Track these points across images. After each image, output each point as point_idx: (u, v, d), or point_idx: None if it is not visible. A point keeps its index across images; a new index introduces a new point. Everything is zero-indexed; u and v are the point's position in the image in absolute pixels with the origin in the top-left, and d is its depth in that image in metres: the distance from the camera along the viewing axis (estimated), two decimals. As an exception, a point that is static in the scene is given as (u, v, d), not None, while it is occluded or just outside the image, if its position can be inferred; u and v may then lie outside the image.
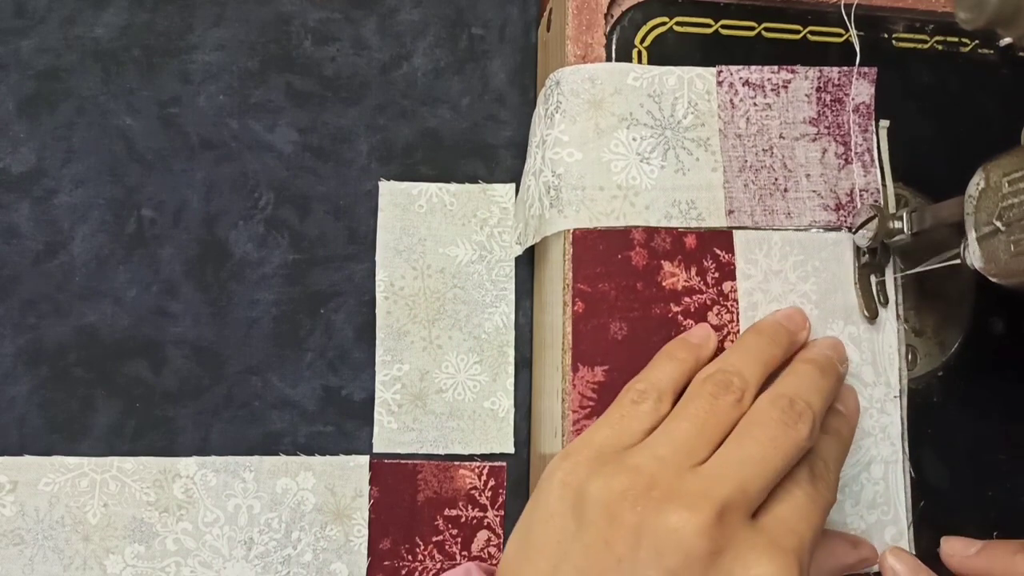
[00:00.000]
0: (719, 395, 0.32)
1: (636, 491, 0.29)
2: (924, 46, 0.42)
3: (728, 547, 0.29)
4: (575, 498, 0.30)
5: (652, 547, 0.28)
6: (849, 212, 0.39)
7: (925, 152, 0.41)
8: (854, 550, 0.36)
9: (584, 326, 0.37)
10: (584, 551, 0.29)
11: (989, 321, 0.41)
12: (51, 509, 0.40)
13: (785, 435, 0.31)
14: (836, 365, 0.36)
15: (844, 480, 0.38)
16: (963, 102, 0.42)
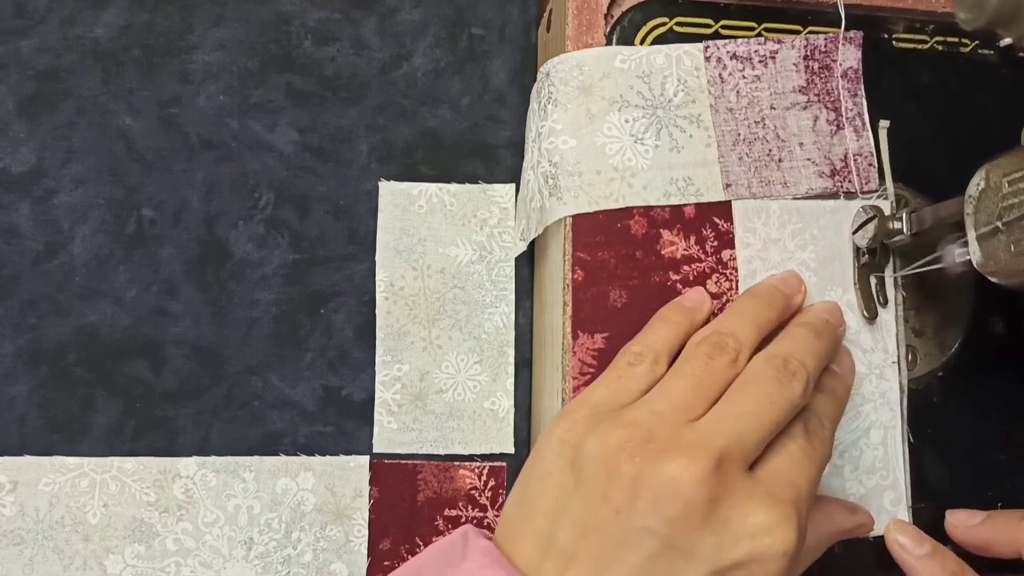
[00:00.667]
0: (714, 356, 0.33)
1: (634, 444, 0.29)
2: (924, 46, 0.42)
3: (726, 496, 0.29)
4: (573, 454, 0.30)
5: (650, 497, 0.28)
6: (844, 177, 0.39)
7: (925, 152, 0.41)
8: (851, 515, 0.36)
9: (584, 294, 0.37)
10: (582, 505, 0.29)
11: (989, 321, 0.41)
12: (51, 509, 0.40)
13: (779, 391, 0.31)
14: (832, 328, 0.36)
15: (843, 445, 0.38)
16: (963, 102, 0.42)
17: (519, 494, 0.31)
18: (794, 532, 0.29)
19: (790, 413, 0.32)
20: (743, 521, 0.28)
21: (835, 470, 0.38)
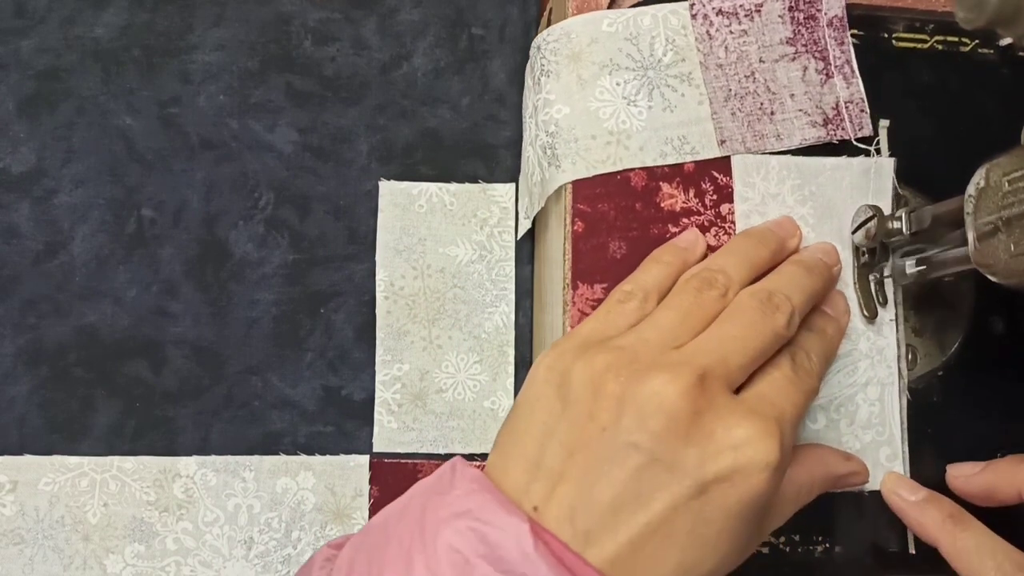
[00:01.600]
0: (703, 290, 0.33)
1: (619, 364, 0.30)
2: (924, 46, 0.42)
3: (708, 410, 0.29)
4: (560, 380, 0.31)
5: (635, 412, 0.29)
6: (837, 125, 0.39)
7: (925, 152, 0.41)
8: (845, 461, 0.36)
9: (584, 245, 0.38)
10: (569, 426, 0.30)
11: (989, 321, 0.41)
12: (51, 509, 0.40)
13: (763, 320, 0.32)
14: (826, 267, 0.37)
15: (839, 400, 0.38)
16: (963, 102, 0.42)
17: (508, 424, 0.32)
18: (777, 445, 0.29)
19: (774, 343, 0.32)
20: (726, 434, 0.29)
21: (831, 424, 0.38)
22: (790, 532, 0.38)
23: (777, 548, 0.38)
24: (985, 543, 0.33)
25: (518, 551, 0.27)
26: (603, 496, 0.28)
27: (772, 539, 0.38)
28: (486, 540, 0.27)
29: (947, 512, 0.35)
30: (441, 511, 0.28)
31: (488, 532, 0.27)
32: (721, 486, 0.28)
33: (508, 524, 0.27)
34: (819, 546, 0.38)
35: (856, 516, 0.38)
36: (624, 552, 0.28)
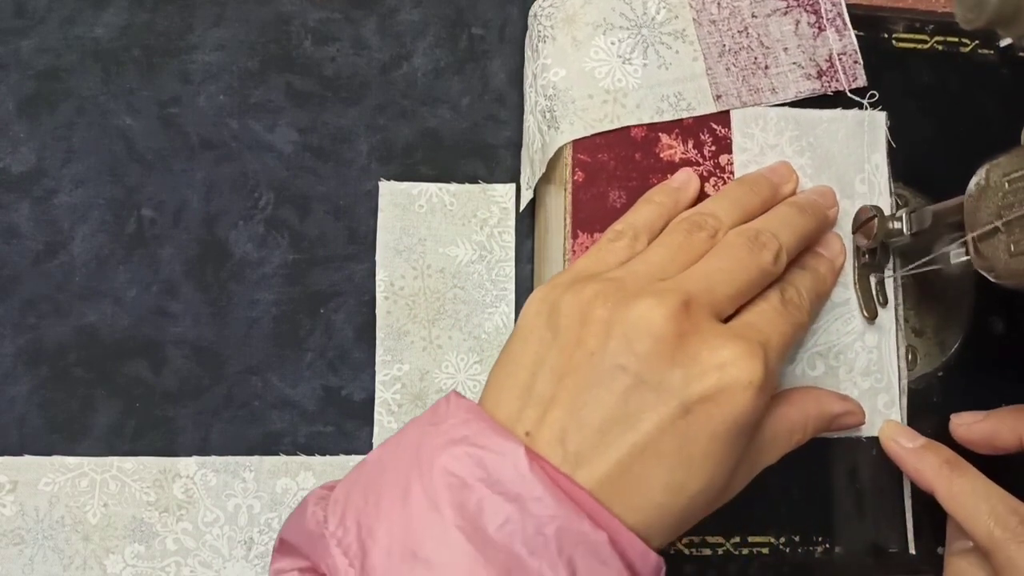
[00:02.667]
0: (693, 231, 0.34)
1: (607, 292, 0.31)
2: (924, 46, 0.42)
3: (694, 333, 0.30)
4: (550, 311, 0.31)
5: (622, 336, 0.29)
6: (831, 77, 0.40)
7: (925, 152, 0.41)
8: (841, 401, 0.37)
9: (584, 194, 0.38)
10: (559, 353, 0.30)
11: (989, 321, 0.41)
12: (51, 509, 0.40)
13: (749, 256, 0.33)
14: (820, 208, 0.37)
15: (839, 347, 0.38)
16: (963, 102, 0.42)
17: (500, 359, 0.32)
18: (760, 365, 0.29)
19: (761, 278, 0.33)
20: (711, 355, 0.29)
21: (830, 371, 0.38)
22: (790, 532, 0.38)
23: (777, 548, 0.38)
24: (980, 488, 0.34)
25: (514, 473, 0.27)
26: (592, 418, 0.29)
27: (772, 539, 0.38)
28: (482, 464, 0.27)
29: (944, 458, 0.35)
30: (436, 439, 0.28)
31: (484, 456, 0.27)
32: (706, 405, 0.29)
33: (504, 448, 0.28)
34: (819, 546, 0.38)
35: (856, 516, 0.38)
36: (613, 473, 0.28)
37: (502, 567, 0.26)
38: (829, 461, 0.38)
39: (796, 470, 0.38)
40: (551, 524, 0.27)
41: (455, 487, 0.27)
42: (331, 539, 0.28)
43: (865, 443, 0.39)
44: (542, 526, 0.27)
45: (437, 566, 0.26)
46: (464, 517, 0.27)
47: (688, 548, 0.37)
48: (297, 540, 0.30)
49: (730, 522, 0.37)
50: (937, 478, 0.35)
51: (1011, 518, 0.32)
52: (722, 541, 0.37)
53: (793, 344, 0.34)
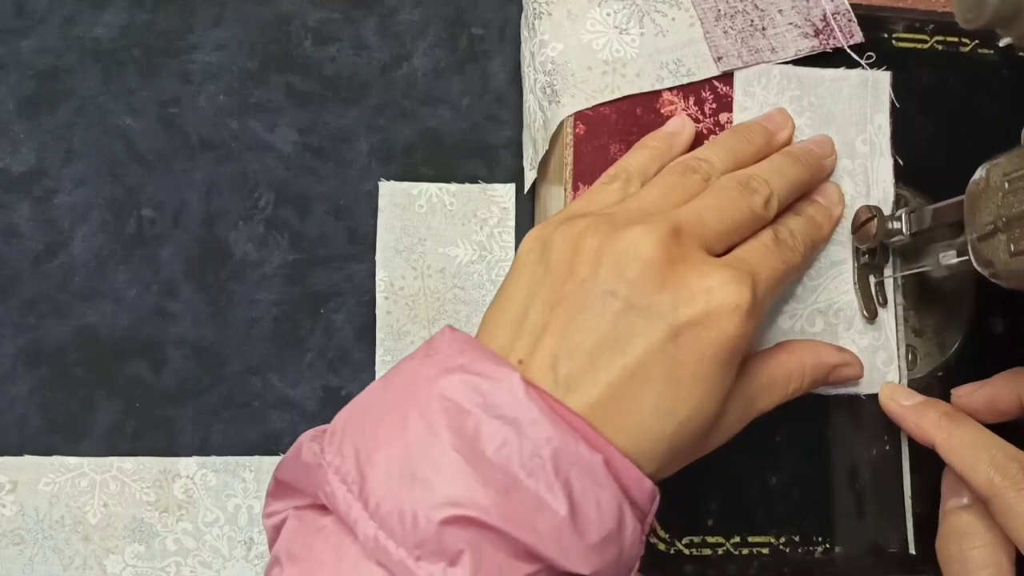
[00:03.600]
0: (687, 174, 0.35)
1: (598, 224, 0.31)
2: (924, 46, 0.42)
3: (683, 260, 0.30)
4: (542, 247, 0.32)
5: (612, 262, 0.30)
6: (828, 35, 0.40)
7: (925, 152, 0.41)
8: (838, 352, 0.37)
9: (585, 147, 0.39)
10: (551, 285, 0.31)
11: (989, 321, 0.41)
12: (51, 509, 0.40)
13: (740, 197, 0.33)
14: (815, 157, 0.38)
15: (838, 304, 0.39)
16: (963, 102, 0.42)
17: (497, 296, 0.32)
18: (748, 290, 0.30)
19: (751, 220, 0.33)
20: (699, 281, 0.30)
21: (829, 328, 0.39)
22: (790, 532, 0.38)
23: (777, 548, 0.38)
24: (980, 437, 0.34)
25: (511, 397, 0.27)
26: (583, 343, 0.29)
27: (772, 539, 0.38)
28: (479, 390, 0.28)
29: (942, 411, 0.36)
30: (432, 369, 0.29)
31: (480, 383, 0.28)
32: (694, 329, 0.29)
33: (500, 374, 0.28)
34: (819, 546, 0.38)
35: (856, 516, 0.38)
36: (603, 397, 0.29)
37: (500, 487, 0.26)
38: (829, 461, 0.38)
39: (796, 470, 0.38)
40: (547, 446, 0.27)
41: (452, 412, 0.27)
42: (328, 468, 0.28)
43: (865, 442, 0.39)
44: (539, 448, 0.27)
45: (436, 485, 0.26)
46: (462, 440, 0.27)
47: (688, 548, 0.37)
48: (292, 476, 0.30)
49: (730, 522, 0.37)
50: (937, 430, 0.35)
51: (1011, 465, 0.33)
52: (722, 541, 0.37)
53: (785, 282, 0.34)
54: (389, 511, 0.26)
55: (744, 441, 0.38)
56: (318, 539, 0.28)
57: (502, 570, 0.26)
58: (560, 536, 0.27)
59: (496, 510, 0.26)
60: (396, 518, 0.26)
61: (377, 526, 0.26)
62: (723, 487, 0.38)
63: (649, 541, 0.37)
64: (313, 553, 0.28)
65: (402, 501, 0.26)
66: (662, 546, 0.37)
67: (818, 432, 0.39)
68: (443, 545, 0.26)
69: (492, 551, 0.26)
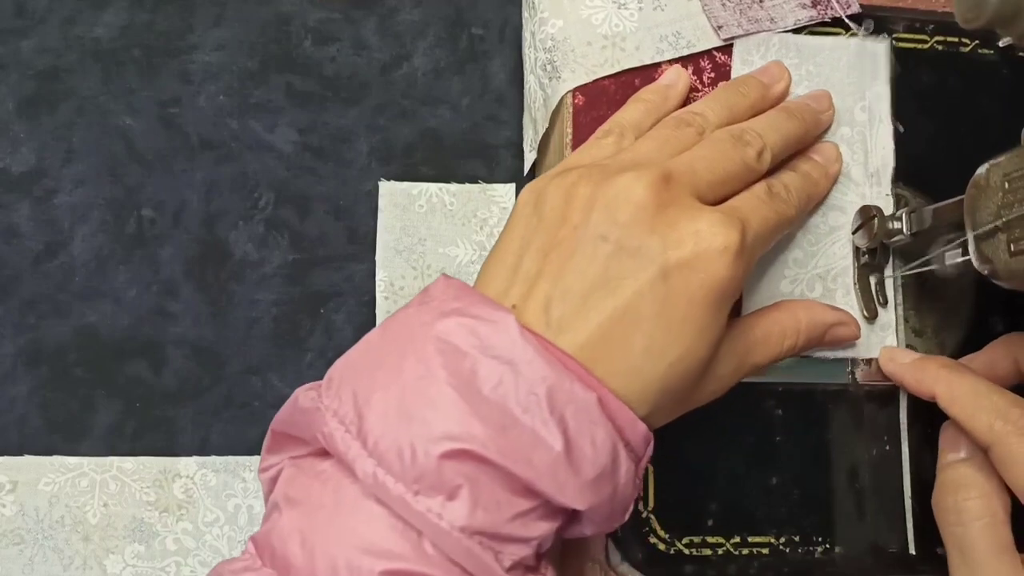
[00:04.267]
0: (680, 127, 0.35)
1: (591, 173, 0.31)
2: (924, 46, 0.42)
3: (673, 204, 0.30)
4: (537, 199, 0.32)
5: (603, 208, 0.30)
6: (826, 5, 0.40)
7: (925, 152, 0.41)
8: (833, 312, 0.37)
9: (584, 117, 0.39)
10: (544, 232, 0.31)
11: (989, 321, 0.41)
12: (51, 509, 0.40)
13: (733, 149, 0.33)
14: (811, 112, 0.38)
15: (837, 270, 0.39)
16: (963, 102, 0.42)
17: (492, 249, 0.33)
18: (737, 232, 0.30)
19: (744, 172, 0.34)
20: (688, 224, 0.30)
21: (827, 293, 0.39)
22: (790, 532, 0.38)
23: (777, 548, 0.38)
24: (981, 386, 0.34)
25: (507, 339, 0.28)
26: (575, 286, 0.30)
27: (772, 539, 0.38)
28: (475, 332, 0.28)
29: (941, 363, 0.36)
30: (427, 315, 0.29)
31: (476, 325, 0.28)
32: (683, 271, 0.29)
33: (495, 317, 0.28)
34: (819, 546, 0.38)
35: (856, 516, 0.38)
36: (594, 338, 0.29)
37: (497, 424, 0.27)
38: (829, 461, 0.38)
39: (796, 470, 0.38)
40: (542, 385, 0.27)
41: (449, 353, 0.28)
42: (327, 411, 0.28)
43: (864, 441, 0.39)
44: (534, 386, 0.27)
45: (434, 421, 0.27)
46: (459, 379, 0.27)
47: (688, 548, 0.37)
48: (289, 425, 0.30)
49: (730, 522, 0.37)
50: (937, 382, 0.35)
51: (1012, 410, 0.33)
52: (722, 541, 0.37)
53: (777, 233, 0.35)
54: (387, 447, 0.27)
55: (744, 441, 0.38)
56: (316, 483, 0.28)
57: (500, 505, 0.27)
58: (556, 471, 0.27)
59: (493, 445, 0.27)
60: (394, 454, 0.27)
61: (376, 463, 0.27)
62: (723, 487, 0.38)
63: (649, 541, 0.37)
64: (312, 496, 0.28)
65: (400, 437, 0.27)
66: (662, 546, 0.37)
67: (818, 432, 0.38)
68: (442, 479, 0.26)
69: (490, 485, 0.27)
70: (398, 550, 0.26)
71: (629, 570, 0.37)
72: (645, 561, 0.36)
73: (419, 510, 0.26)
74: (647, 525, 0.37)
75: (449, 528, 0.26)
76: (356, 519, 0.27)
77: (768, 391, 0.38)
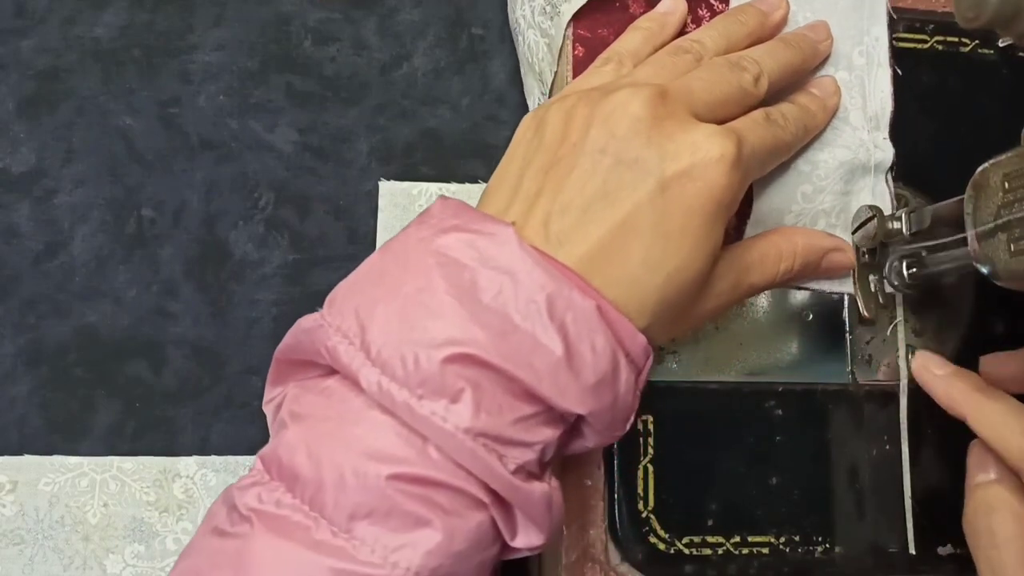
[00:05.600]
0: (679, 54, 0.35)
1: (590, 95, 0.32)
2: (924, 46, 0.42)
3: (669, 118, 0.31)
4: (538, 123, 0.33)
5: (601, 123, 0.31)
6: None
7: (925, 152, 0.41)
8: (829, 238, 0.37)
9: (583, 69, 0.38)
10: (544, 152, 0.31)
11: (989, 321, 0.41)
12: (51, 509, 0.40)
13: (730, 73, 0.34)
14: (808, 41, 0.38)
15: (839, 207, 0.39)
16: (963, 102, 0.42)
17: (494, 173, 0.33)
18: (733, 144, 0.30)
19: (740, 96, 0.34)
20: (685, 136, 0.30)
21: (830, 229, 0.39)
22: (790, 532, 0.38)
23: (777, 548, 0.38)
24: (1012, 408, 0.34)
25: (506, 250, 0.28)
26: (574, 201, 0.30)
27: (772, 539, 0.38)
28: (474, 245, 0.28)
29: (973, 384, 0.36)
30: (427, 231, 0.30)
31: (475, 239, 0.29)
32: (680, 181, 0.30)
33: (495, 229, 0.29)
34: (819, 546, 0.38)
35: (856, 516, 0.38)
36: (593, 250, 0.30)
37: (497, 330, 0.27)
38: (829, 461, 0.38)
39: (796, 470, 0.38)
40: (542, 292, 0.28)
41: (449, 266, 0.28)
42: (329, 327, 0.29)
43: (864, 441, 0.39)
44: (533, 294, 0.28)
45: (435, 328, 0.27)
46: (459, 289, 0.28)
47: (688, 548, 0.37)
48: (292, 350, 0.31)
49: (730, 522, 0.37)
50: (967, 401, 0.35)
51: None
52: (722, 541, 0.37)
53: (774, 155, 0.35)
54: (390, 355, 0.27)
55: (744, 441, 0.38)
56: (322, 397, 0.29)
57: (502, 408, 0.27)
58: (556, 375, 0.28)
59: (494, 349, 0.27)
60: (398, 361, 0.27)
61: (380, 371, 0.27)
62: (723, 487, 0.38)
63: (649, 541, 0.37)
64: (317, 410, 0.29)
65: (403, 345, 0.27)
66: (662, 546, 0.37)
67: (818, 432, 0.38)
68: (444, 382, 0.27)
69: (492, 388, 0.27)
70: (403, 455, 0.27)
71: (629, 570, 0.37)
72: (645, 561, 0.36)
73: (423, 414, 0.27)
74: (647, 525, 0.37)
75: (454, 430, 0.27)
76: (362, 428, 0.27)
77: (768, 391, 0.38)
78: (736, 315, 0.39)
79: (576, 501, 0.37)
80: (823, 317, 0.39)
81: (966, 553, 0.36)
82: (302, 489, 0.27)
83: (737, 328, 0.39)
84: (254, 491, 0.28)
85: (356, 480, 0.27)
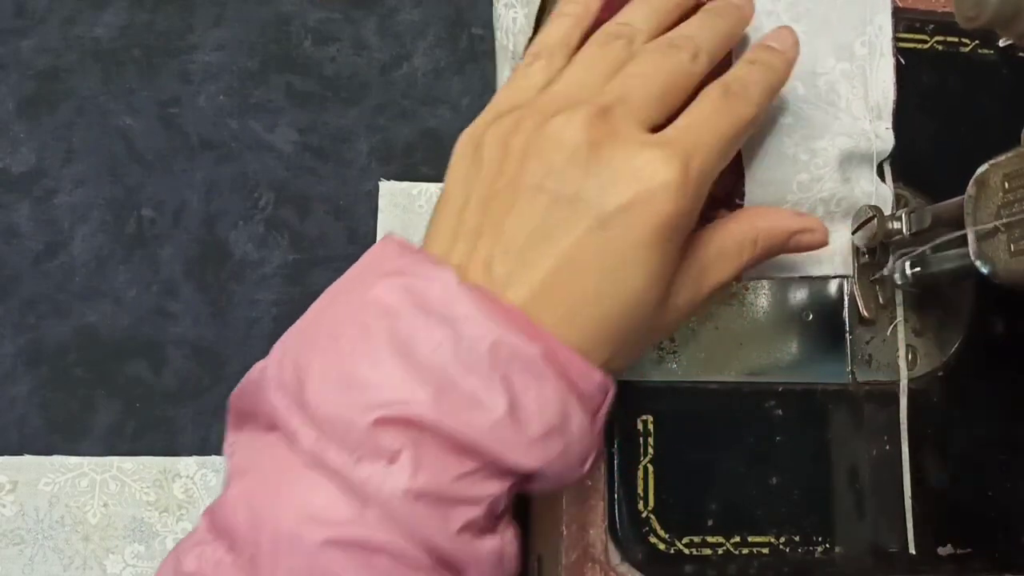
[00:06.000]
0: (608, 42, 0.33)
1: (524, 118, 0.30)
2: (924, 46, 0.42)
3: (608, 141, 0.29)
4: (474, 149, 0.31)
5: (537, 156, 0.29)
6: None
7: (925, 152, 0.41)
8: (797, 217, 0.36)
9: None
10: (483, 184, 0.30)
11: (989, 321, 0.41)
12: (51, 509, 0.40)
13: (664, 58, 0.32)
14: (733, 7, 0.36)
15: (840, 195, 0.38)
16: (963, 102, 0.42)
17: (437, 203, 0.32)
18: (677, 166, 0.29)
19: (682, 79, 0.32)
20: (625, 163, 0.29)
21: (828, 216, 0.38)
22: (790, 532, 0.38)
23: (777, 548, 0.38)
24: None
25: (444, 294, 0.27)
26: (515, 240, 0.29)
27: (772, 539, 0.38)
28: (412, 290, 0.27)
29: None
30: (369, 276, 0.29)
31: (414, 283, 0.28)
32: (624, 215, 0.28)
33: (433, 273, 0.28)
34: (819, 546, 0.38)
35: (856, 516, 0.38)
36: (540, 289, 0.28)
37: (435, 387, 0.26)
38: (829, 461, 0.38)
39: (796, 470, 0.38)
40: (483, 342, 0.27)
41: (386, 316, 0.27)
42: (270, 382, 0.28)
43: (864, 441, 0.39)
44: (475, 344, 0.27)
45: (370, 387, 0.26)
46: (396, 342, 0.27)
47: (688, 548, 0.37)
48: (240, 398, 0.30)
49: (730, 522, 0.37)
50: None
51: None
52: (722, 541, 0.37)
53: (738, 138, 0.33)
54: (327, 415, 0.26)
55: (744, 441, 0.38)
56: (264, 454, 0.28)
57: (444, 466, 0.26)
58: (500, 431, 0.27)
59: (433, 407, 0.26)
60: (334, 422, 0.26)
61: (317, 434, 0.26)
62: (723, 487, 0.38)
63: (649, 541, 0.37)
64: (258, 466, 0.28)
65: (339, 405, 0.26)
66: (662, 546, 0.37)
67: (818, 432, 0.38)
68: (380, 444, 0.26)
69: (432, 447, 0.26)
70: (340, 517, 0.26)
71: (629, 570, 0.37)
72: (645, 561, 0.36)
73: (360, 477, 0.26)
74: (647, 525, 0.37)
75: (391, 493, 0.26)
76: (300, 487, 0.26)
77: (768, 391, 0.38)
78: (736, 315, 0.39)
79: (576, 501, 0.37)
80: (823, 317, 0.39)
81: (966, 553, 0.36)
82: (241, 548, 0.26)
83: (737, 328, 0.39)
84: (196, 551, 0.27)
85: (290, 545, 0.26)
